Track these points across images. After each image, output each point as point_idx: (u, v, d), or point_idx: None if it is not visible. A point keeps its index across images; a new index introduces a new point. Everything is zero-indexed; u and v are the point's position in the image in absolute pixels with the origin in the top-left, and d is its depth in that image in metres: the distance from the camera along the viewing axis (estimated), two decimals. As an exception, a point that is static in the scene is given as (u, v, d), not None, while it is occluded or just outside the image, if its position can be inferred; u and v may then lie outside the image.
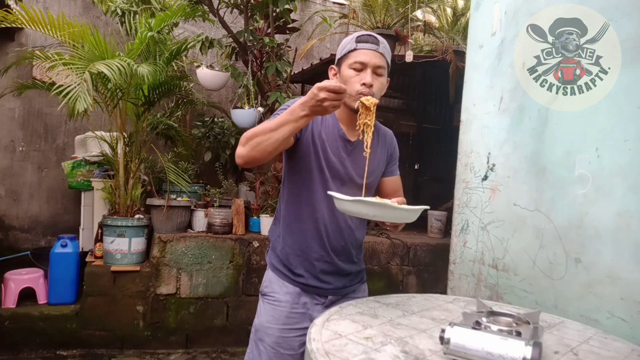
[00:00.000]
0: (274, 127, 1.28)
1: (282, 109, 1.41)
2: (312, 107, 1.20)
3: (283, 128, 1.26)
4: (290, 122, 1.25)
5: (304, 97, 1.24)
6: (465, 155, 2.02)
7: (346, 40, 1.44)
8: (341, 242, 1.51)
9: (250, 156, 1.32)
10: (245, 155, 1.32)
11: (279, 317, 1.48)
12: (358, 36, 1.40)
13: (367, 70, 1.38)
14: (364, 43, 1.38)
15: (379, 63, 1.39)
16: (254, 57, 3.80)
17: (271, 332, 1.47)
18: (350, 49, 1.39)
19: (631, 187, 1.38)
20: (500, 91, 1.85)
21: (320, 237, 1.48)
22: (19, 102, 4.37)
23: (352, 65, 1.38)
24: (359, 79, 1.38)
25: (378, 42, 1.40)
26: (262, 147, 1.29)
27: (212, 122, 4.42)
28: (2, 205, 4.40)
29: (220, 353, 3.32)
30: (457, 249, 2.04)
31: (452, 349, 0.97)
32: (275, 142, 1.28)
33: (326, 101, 1.18)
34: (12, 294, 3.15)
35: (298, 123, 1.25)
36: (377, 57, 1.39)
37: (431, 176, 5.68)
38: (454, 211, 2.08)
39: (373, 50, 1.38)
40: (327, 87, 1.17)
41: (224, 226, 3.45)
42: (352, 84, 1.38)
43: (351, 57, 1.39)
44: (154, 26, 3.28)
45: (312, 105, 1.20)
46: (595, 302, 1.44)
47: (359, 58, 1.38)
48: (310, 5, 5.48)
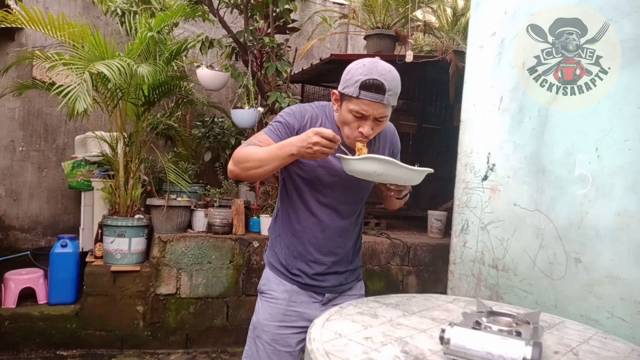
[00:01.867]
0: (264, 158, 1.30)
1: (277, 121, 1.42)
2: (301, 147, 1.22)
3: (271, 163, 1.30)
4: (278, 158, 1.28)
5: (298, 135, 1.25)
6: (465, 155, 2.02)
7: (352, 76, 1.29)
8: (338, 245, 1.52)
9: (239, 176, 1.39)
10: (236, 175, 1.38)
11: (276, 314, 1.49)
12: (363, 81, 1.25)
13: (368, 120, 1.30)
14: (368, 92, 1.25)
15: (381, 113, 1.30)
16: (254, 57, 3.79)
17: (268, 329, 1.49)
18: (353, 95, 1.27)
19: (631, 187, 1.38)
20: (500, 91, 1.85)
21: (317, 240, 1.49)
22: (19, 102, 4.36)
23: (353, 112, 1.30)
24: (357, 126, 1.32)
25: (384, 90, 1.26)
26: (251, 173, 1.34)
27: (212, 122, 4.42)
28: (2, 205, 4.39)
29: (220, 353, 3.32)
30: (457, 249, 2.04)
31: (452, 349, 0.97)
32: (263, 172, 1.33)
33: (317, 145, 1.19)
34: (12, 294, 3.15)
35: (284, 160, 1.29)
36: (380, 108, 1.29)
37: (431, 176, 5.67)
38: (454, 211, 2.08)
39: (378, 102, 1.27)
40: (321, 133, 1.18)
41: (224, 226, 3.45)
42: (351, 128, 1.34)
43: (353, 102, 1.29)
44: (154, 26, 3.28)
45: (302, 146, 1.22)
46: (595, 302, 1.44)
47: (360, 108, 1.28)
48: (310, 5, 5.48)
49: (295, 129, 1.41)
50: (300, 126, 1.41)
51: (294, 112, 1.44)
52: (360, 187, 1.49)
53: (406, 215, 4.83)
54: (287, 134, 1.39)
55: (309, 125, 1.42)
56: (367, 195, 1.57)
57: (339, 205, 1.48)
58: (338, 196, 1.47)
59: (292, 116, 1.42)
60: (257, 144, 1.37)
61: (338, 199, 1.47)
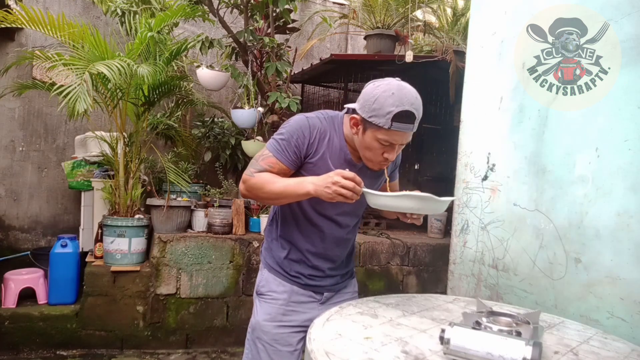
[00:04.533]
0: (280, 192, 1.31)
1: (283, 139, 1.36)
2: (320, 187, 1.22)
3: (286, 198, 1.33)
4: (295, 195, 1.30)
5: (320, 177, 1.25)
6: (465, 155, 2.02)
7: (382, 107, 1.23)
8: (336, 254, 1.55)
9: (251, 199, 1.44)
10: (247, 197, 1.43)
11: (275, 314, 1.50)
12: (396, 113, 1.21)
13: (395, 147, 1.30)
14: (400, 124, 1.23)
15: (408, 139, 1.31)
16: (254, 57, 3.79)
17: (267, 330, 1.49)
18: (384, 127, 1.24)
19: (631, 187, 1.38)
20: (500, 91, 1.85)
21: (316, 249, 1.51)
22: (19, 102, 4.36)
23: (381, 141, 1.27)
24: (383, 152, 1.30)
25: (414, 119, 1.25)
26: (264, 201, 1.42)
27: (212, 122, 4.42)
28: (2, 205, 4.39)
29: (220, 353, 3.32)
30: (457, 249, 2.04)
31: (452, 349, 0.97)
32: (276, 203, 1.38)
33: (336, 185, 1.19)
34: (12, 294, 3.15)
35: (300, 198, 1.31)
36: (407, 137, 1.29)
37: (431, 176, 5.67)
38: (454, 211, 2.08)
39: (407, 132, 1.27)
40: (347, 176, 1.19)
41: (224, 226, 3.45)
42: (375, 154, 1.32)
43: (382, 133, 1.25)
44: (154, 26, 3.28)
45: (321, 186, 1.22)
46: (595, 302, 1.44)
47: (391, 139, 1.26)
48: (310, 5, 5.48)
49: (305, 146, 1.36)
50: (309, 143, 1.37)
51: (301, 127, 1.37)
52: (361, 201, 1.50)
53: (406, 215, 4.82)
54: (294, 154, 1.36)
55: (317, 141, 1.37)
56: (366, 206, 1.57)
57: (338, 217, 1.49)
58: (338, 208, 1.46)
59: (300, 132, 1.36)
60: (267, 169, 1.35)
61: (338, 211, 1.47)
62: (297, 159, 1.37)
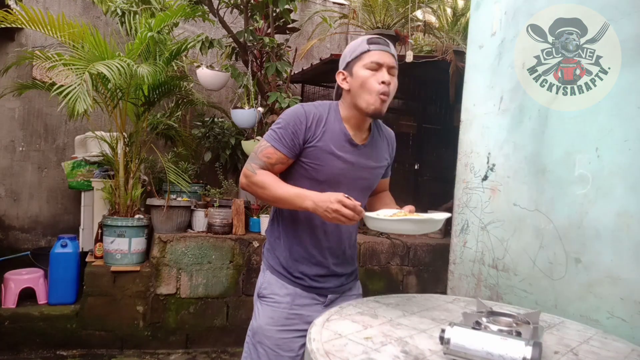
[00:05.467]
0: (279, 197, 1.35)
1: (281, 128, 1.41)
2: (319, 207, 1.26)
3: (285, 204, 1.37)
4: (293, 204, 1.34)
5: (321, 194, 1.28)
6: (465, 155, 2.02)
7: (355, 44, 1.43)
8: (340, 247, 1.53)
9: (249, 193, 1.48)
10: (246, 191, 1.45)
11: (278, 318, 1.47)
12: (369, 38, 1.40)
13: (383, 69, 1.38)
14: (376, 45, 1.39)
15: (392, 64, 1.40)
16: (254, 57, 3.79)
17: (270, 334, 1.46)
18: (363, 51, 1.39)
19: (631, 187, 1.38)
20: (500, 91, 1.85)
21: (319, 243, 1.49)
22: (19, 102, 4.36)
23: (368, 66, 1.38)
24: (377, 79, 1.37)
25: (389, 44, 1.41)
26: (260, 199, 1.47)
27: (212, 122, 4.42)
28: (2, 205, 4.39)
29: (220, 353, 3.32)
30: (457, 249, 2.04)
31: (452, 349, 0.97)
32: (272, 204, 1.44)
33: (336, 213, 1.22)
34: (12, 294, 3.15)
35: (296, 208, 1.35)
36: (390, 58, 1.40)
37: (431, 176, 5.67)
38: (454, 211, 2.08)
39: (386, 51, 1.39)
40: (347, 205, 1.21)
41: (224, 226, 3.45)
42: (370, 83, 1.38)
43: (365, 58, 1.38)
44: (154, 26, 3.28)
45: (320, 207, 1.26)
46: (595, 302, 1.44)
47: (374, 58, 1.37)
48: (310, 5, 5.48)
49: (303, 131, 1.40)
50: (306, 127, 1.40)
51: (297, 114, 1.41)
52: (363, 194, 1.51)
53: (406, 215, 4.82)
54: (292, 140, 1.39)
55: (314, 125, 1.41)
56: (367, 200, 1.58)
57: None
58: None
59: (296, 118, 1.40)
60: (266, 161, 1.39)
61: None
62: (295, 146, 1.40)
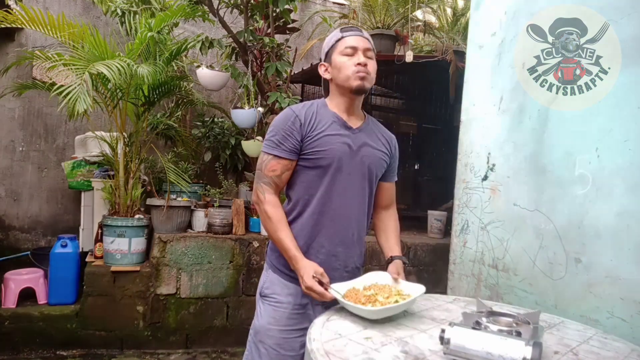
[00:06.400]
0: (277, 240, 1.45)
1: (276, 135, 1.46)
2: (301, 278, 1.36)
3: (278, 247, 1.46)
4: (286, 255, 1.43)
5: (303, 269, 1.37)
6: (465, 155, 2.02)
7: (330, 35, 1.53)
8: (351, 232, 1.51)
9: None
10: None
11: (280, 318, 1.47)
12: (342, 28, 1.51)
13: (358, 52, 1.45)
14: (348, 31, 1.49)
15: (367, 46, 1.47)
16: (254, 57, 3.79)
17: (272, 334, 1.46)
18: (337, 39, 1.48)
19: (631, 187, 1.38)
20: (500, 91, 1.85)
21: (328, 230, 1.48)
22: (19, 102, 4.36)
23: (343, 52, 1.46)
24: (353, 62, 1.44)
25: (361, 30, 1.51)
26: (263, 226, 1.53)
27: (212, 122, 4.42)
28: (2, 205, 4.39)
29: (220, 353, 3.32)
30: (457, 249, 2.04)
31: (452, 349, 0.97)
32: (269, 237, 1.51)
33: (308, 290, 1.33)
34: (12, 294, 3.15)
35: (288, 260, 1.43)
36: (363, 41, 1.47)
37: (431, 176, 5.68)
38: (454, 211, 2.08)
39: (359, 36, 1.48)
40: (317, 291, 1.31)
41: (224, 226, 3.45)
42: (347, 67, 1.45)
43: (340, 45, 1.47)
44: (154, 26, 3.28)
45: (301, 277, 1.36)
46: (595, 302, 1.44)
47: (348, 43, 1.46)
48: (310, 5, 5.48)
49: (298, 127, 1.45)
50: (300, 124, 1.45)
51: (286, 115, 1.47)
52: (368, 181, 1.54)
53: (406, 215, 4.82)
54: (290, 143, 1.44)
55: (306, 120, 1.46)
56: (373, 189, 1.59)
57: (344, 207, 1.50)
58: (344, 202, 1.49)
59: (287, 119, 1.46)
60: (272, 175, 1.45)
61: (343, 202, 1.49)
62: (295, 147, 1.44)
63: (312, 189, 1.47)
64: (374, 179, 1.56)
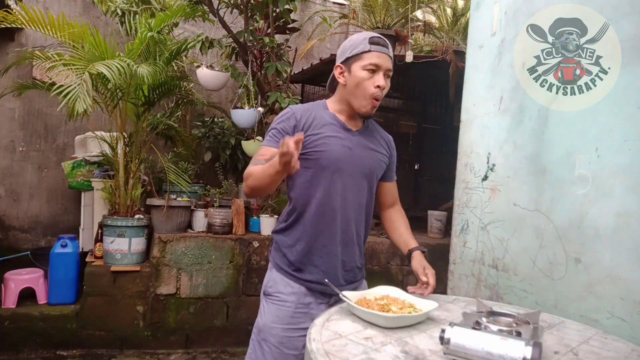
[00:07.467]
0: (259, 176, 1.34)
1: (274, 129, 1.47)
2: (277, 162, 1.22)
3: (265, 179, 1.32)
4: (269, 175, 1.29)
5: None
6: (465, 155, 2.02)
7: (356, 41, 1.43)
8: (350, 232, 1.52)
9: (250, 195, 1.45)
10: (247, 194, 1.45)
11: (284, 317, 1.48)
12: (370, 37, 1.41)
13: (380, 73, 1.41)
14: (377, 45, 1.40)
15: (389, 66, 1.43)
16: (254, 57, 3.79)
17: (275, 332, 1.47)
18: (364, 50, 1.40)
19: (631, 187, 1.38)
20: (500, 91, 1.85)
21: (329, 230, 1.48)
22: (19, 102, 4.36)
23: (366, 67, 1.40)
24: (373, 82, 1.40)
25: (388, 45, 1.43)
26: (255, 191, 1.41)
27: (212, 122, 4.42)
28: (2, 205, 4.39)
29: (220, 353, 3.32)
30: (457, 249, 2.04)
31: (452, 349, 0.97)
32: (264, 190, 1.39)
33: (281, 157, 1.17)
34: (12, 294, 3.15)
35: (275, 177, 1.28)
36: (388, 61, 1.43)
37: (431, 176, 5.68)
38: (454, 211, 2.08)
39: (385, 54, 1.41)
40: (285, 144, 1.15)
41: (224, 226, 3.45)
42: (365, 87, 1.41)
43: (365, 58, 1.40)
44: (154, 26, 3.28)
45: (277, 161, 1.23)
46: (595, 302, 1.44)
47: (373, 60, 1.39)
48: (310, 5, 5.48)
49: (294, 124, 1.45)
50: (296, 121, 1.46)
51: (286, 114, 1.49)
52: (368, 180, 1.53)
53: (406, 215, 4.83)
54: (283, 136, 1.40)
55: (304, 119, 1.46)
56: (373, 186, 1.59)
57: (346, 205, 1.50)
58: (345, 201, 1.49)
59: (286, 118, 1.48)
60: (260, 159, 1.41)
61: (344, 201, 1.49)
62: None
63: (312, 189, 1.47)
64: (374, 179, 1.57)
